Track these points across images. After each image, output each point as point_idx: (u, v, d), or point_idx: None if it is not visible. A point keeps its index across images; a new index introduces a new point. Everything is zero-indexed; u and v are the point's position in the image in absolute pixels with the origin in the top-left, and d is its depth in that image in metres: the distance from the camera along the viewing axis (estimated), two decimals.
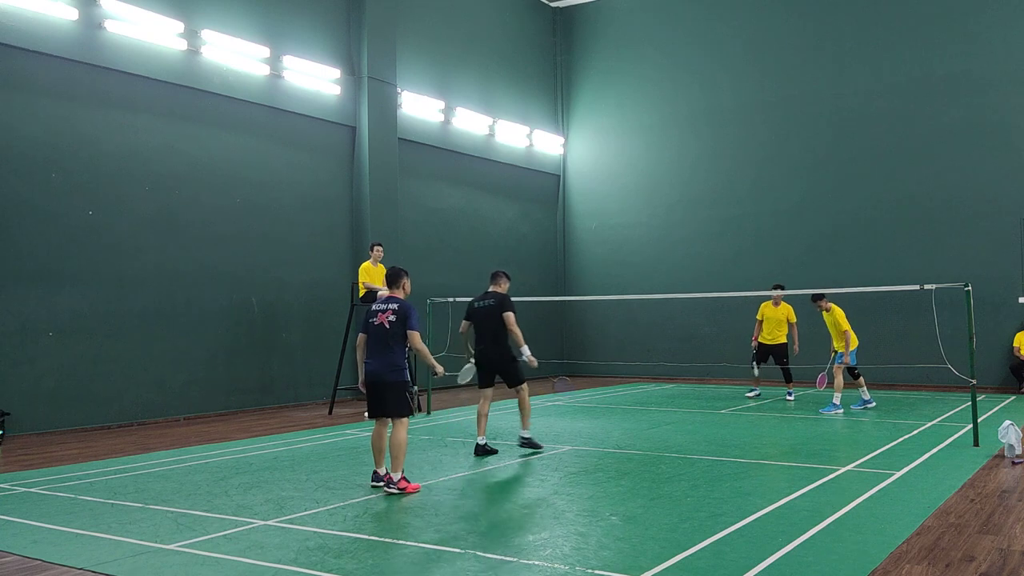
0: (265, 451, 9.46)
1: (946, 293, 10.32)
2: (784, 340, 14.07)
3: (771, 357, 14.27)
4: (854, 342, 12.47)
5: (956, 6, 16.39)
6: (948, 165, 16.31)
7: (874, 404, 12.98)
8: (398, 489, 7.00)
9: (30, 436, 10.77)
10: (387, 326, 7.16)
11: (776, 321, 14.07)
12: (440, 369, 7.46)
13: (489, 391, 9.12)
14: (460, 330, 9.37)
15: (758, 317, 14.30)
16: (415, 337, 7.17)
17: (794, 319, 14.17)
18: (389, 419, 7.26)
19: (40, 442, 10.37)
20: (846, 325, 12.36)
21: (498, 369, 9.02)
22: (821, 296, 12.56)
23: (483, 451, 8.91)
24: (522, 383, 9.06)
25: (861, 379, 12.85)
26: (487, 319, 9.01)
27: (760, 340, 14.33)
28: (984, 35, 16.12)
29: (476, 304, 9.15)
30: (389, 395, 7.14)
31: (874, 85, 17.11)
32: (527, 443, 9.09)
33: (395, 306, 7.22)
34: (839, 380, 12.47)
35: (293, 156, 14.65)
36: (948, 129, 16.33)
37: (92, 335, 11.67)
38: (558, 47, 21.34)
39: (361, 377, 7.31)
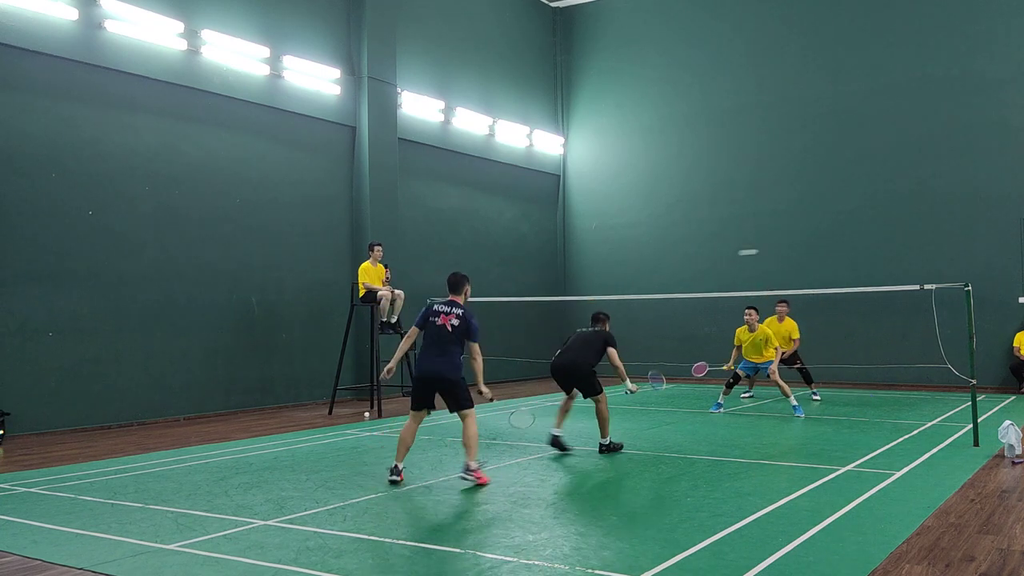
0: (265, 451, 9.46)
1: (946, 293, 10.31)
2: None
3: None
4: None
5: (956, 6, 16.39)
6: (948, 164, 16.30)
7: (802, 415, 11.89)
8: (474, 478, 7.28)
9: (30, 436, 10.77)
10: (449, 329, 7.53)
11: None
12: (489, 394, 7.61)
13: (574, 391, 9.32)
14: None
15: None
16: (477, 349, 7.59)
17: (797, 335, 13.65)
18: (428, 413, 7.67)
19: (40, 442, 10.37)
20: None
21: (578, 384, 9.18)
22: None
23: (558, 443, 9.06)
24: (600, 392, 9.17)
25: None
26: (587, 340, 9.32)
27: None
28: (984, 35, 16.11)
29: (580, 330, 9.61)
30: (455, 391, 7.48)
31: (873, 84, 17.11)
32: (607, 448, 9.09)
33: (459, 312, 7.62)
34: (783, 385, 12.28)
35: (293, 156, 14.64)
36: (948, 128, 16.33)
37: (92, 335, 11.67)
38: (558, 47, 21.33)
39: (391, 365, 7.66)
